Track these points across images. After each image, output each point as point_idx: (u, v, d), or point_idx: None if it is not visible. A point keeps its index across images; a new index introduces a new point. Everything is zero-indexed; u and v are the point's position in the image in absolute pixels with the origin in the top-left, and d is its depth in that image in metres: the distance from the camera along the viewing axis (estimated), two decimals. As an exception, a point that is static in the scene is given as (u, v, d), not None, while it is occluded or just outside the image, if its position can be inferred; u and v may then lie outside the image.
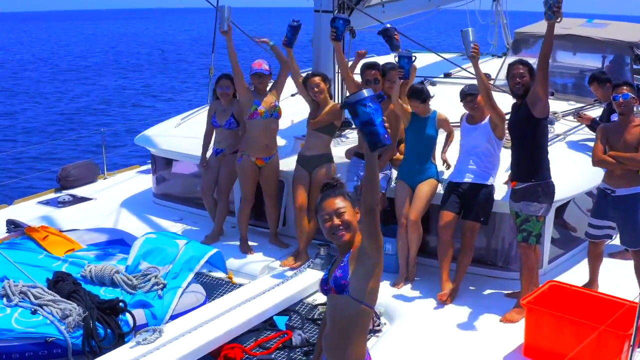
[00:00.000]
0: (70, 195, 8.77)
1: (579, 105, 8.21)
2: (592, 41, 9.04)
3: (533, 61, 9.51)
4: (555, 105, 8.38)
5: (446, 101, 7.06)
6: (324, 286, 3.31)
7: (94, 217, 7.87)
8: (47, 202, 8.56)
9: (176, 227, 7.55)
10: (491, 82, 9.46)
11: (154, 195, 8.47)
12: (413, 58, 6.07)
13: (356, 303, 3.17)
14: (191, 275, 5.75)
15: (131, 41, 70.31)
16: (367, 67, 6.33)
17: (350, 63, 6.69)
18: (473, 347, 5.06)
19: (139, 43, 67.75)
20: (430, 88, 8.83)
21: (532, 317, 4.83)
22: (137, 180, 9.36)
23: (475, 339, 5.19)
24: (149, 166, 9.13)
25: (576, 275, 6.25)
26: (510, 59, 9.55)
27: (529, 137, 5.49)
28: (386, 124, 3.05)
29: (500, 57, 11.52)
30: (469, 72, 8.03)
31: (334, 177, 3.47)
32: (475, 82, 5.82)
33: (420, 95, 6.02)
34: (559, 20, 5.22)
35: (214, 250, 6.11)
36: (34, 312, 5.16)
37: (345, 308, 3.20)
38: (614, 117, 6.31)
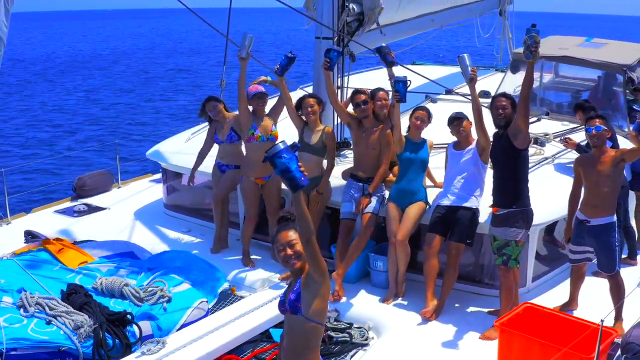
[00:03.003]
0: (85, 204, 9.25)
1: (572, 125, 8.51)
2: (587, 63, 9.33)
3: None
4: (549, 125, 8.74)
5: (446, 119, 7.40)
6: (281, 307, 3.81)
7: (108, 228, 8.33)
8: (63, 212, 9.03)
9: (184, 238, 8.00)
10: (489, 99, 9.82)
11: (165, 206, 8.92)
12: (408, 83, 6.45)
13: (308, 322, 3.67)
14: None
15: (139, 42, 71.03)
16: (356, 92, 6.71)
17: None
18: (451, 361, 5.44)
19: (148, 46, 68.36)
20: (430, 105, 9.26)
21: (504, 338, 5.20)
22: (149, 191, 9.81)
23: (454, 355, 5.56)
24: (161, 175, 9.58)
25: (558, 293, 6.62)
26: (510, 77, 9.91)
27: (511, 166, 5.85)
28: (302, 168, 3.51)
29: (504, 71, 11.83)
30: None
31: (288, 211, 3.89)
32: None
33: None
34: (536, 60, 5.58)
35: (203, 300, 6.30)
36: (49, 323, 5.63)
37: (299, 326, 3.71)
38: None
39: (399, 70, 7.18)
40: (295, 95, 7.39)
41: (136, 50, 62.11)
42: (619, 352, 5.42)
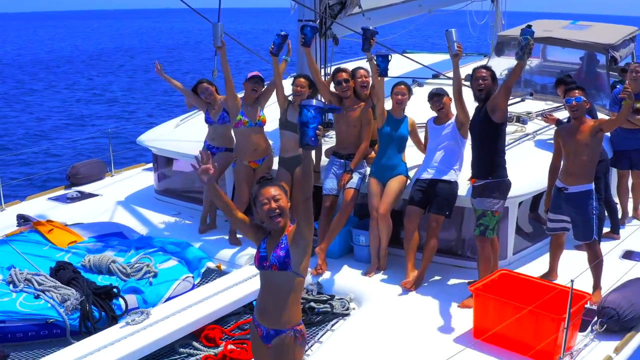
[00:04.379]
0: (78, 191, 9.39)
1: (555, 105, 8.62)
2: (570, 43, 9.44)
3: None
4: (533, 105, 8.86)
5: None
6: (264, 263, 3.88)
7: (99, 212, 8.48)
8: (56, 199, 9.18)
9: (174, 221, 8.14)
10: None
11: (156, 191, 9.06)
12: (389, 57, 6.57)
13: (297, 276, 3.84)
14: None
15: (138, 40, 71.34)
16: (338, 70, 6.83)
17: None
18: (430, 329, 5.55)
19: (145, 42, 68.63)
20: (417, 89, 9.39)
21: (479, 302, 5.32)
22: (141, 178, 9.96)
23: (433, 322, 5.68)
24: (152, 162, 9.73)
25: (539, 265, 6.73)
26: (495, 59, 10.03)
27: (488, 139, 5.97)
28: (319, 132, 3.58)
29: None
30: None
31: (268, 172, 4.05)
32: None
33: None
34: (525, 62, 5.76)
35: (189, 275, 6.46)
36: (37, 297, 5.78)
37: (288, 281, 3.85)
38: None
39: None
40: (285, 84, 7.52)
41: (137, 47, 62.48)
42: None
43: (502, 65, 9.79)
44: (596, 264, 6.08)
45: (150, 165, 10.55)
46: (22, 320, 5.55)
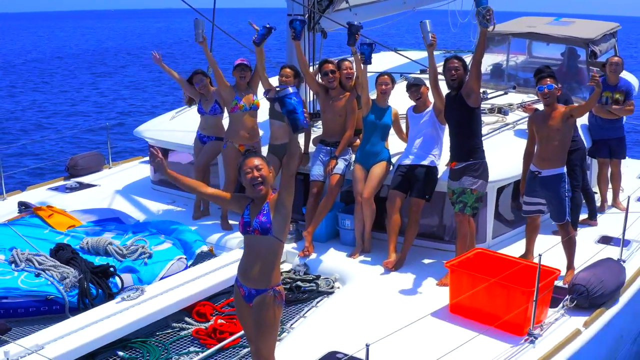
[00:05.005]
0: (77, 182, 9.70)
1: (536, 97, 8.93)
2: (551, 38, 9.77)
3: (501, 58, 10.28)
4: (515, 97, 9.18)
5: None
6: (247, 228, 4.24)
7: (98, 201, 8.78)
8: (56, 189, 9.49)
9: (169, 208, 8.45)
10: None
11: (152, 182, 9.37)
12: (373, 46, 6.90)
13: (277, 241, 4.20)
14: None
15: (136, 38, 71.69)
16: (324, 62, 7.16)
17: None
18: (409, 305, 5.87)
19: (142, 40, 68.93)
20: (405, 83, 9.70)
21: (454, 278, 5.64)
22: (138, 170, 10.27)
23: (412, 299, 6.01)
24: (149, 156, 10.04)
25: (517, 248, 7.05)
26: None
27: (465, 124, 6.30)
28: (306, 113, 3.93)
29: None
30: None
31: (253, 146, 4.42)
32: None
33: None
34: (492, 28, 6.03)
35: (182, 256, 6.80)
36: (37, 275, 6.09)
37: (269, 245, 4.22)
38: None
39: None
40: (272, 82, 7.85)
41: (139, 47, 62.82)
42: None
43: (486, 60, 10.09)
44: (569, 244, 6.40)
45: (147, 158, 10.88)
46: (23, 297, 5.86)
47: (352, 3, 8.66)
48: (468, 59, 12.00)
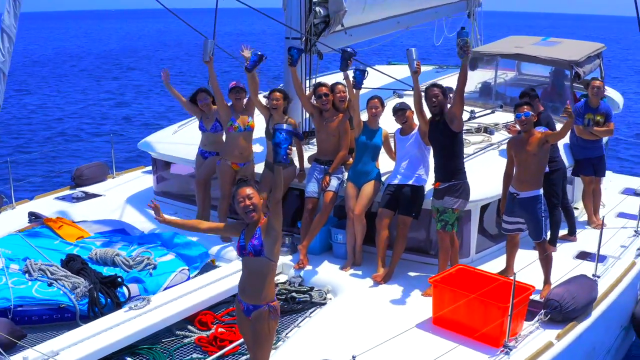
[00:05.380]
0: (83, 192, 10.14)
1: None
2: (538, 60, 10.24)
3: (490, 75, 10.74)
4: (502, 116, 9.63)
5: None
6: (242, 251, 4.73)
7: (103, 211, 9.22)
8: (62, 198, 9.92)
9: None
10: (451, 95, 10.74)
11: (155, 192, 9.81)
12: (365, 73, 7.37)
13: (269, 261, 4.68)
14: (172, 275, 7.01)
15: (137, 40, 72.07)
16: (318, 85, 7.63)
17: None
18: (396, 317, 6.32)
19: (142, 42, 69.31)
20: (397, 100, 10.18)
21: (437, 293, 6.10)
22: (141, 180, 10.71)
23: (399, 311, 6.47)
24: (151, 165, 10.49)
25: (499, 262, 7.52)
26: (470, 73, 10.80)
27: (449, 147, 6.77)
28: (289, 151, 4.44)
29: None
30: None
31: (245, 175, 4.90)
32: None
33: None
34: (468, 59, 6.52)
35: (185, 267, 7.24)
36: (50, 285, 6.53)
37: (263, 265, 4.70)
38: (538, 129, 7.54)
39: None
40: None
41: (142, 49, 63.18)
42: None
43: (475, 79, 10.58)
44: (546, 261, 6.87)
45: (149, 168, 11.33)
46: (37, 305, 6.30)
47: (347, 24, 9.08)
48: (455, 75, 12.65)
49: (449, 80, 12.20)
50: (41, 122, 25.84)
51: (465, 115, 9.31)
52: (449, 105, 6.89)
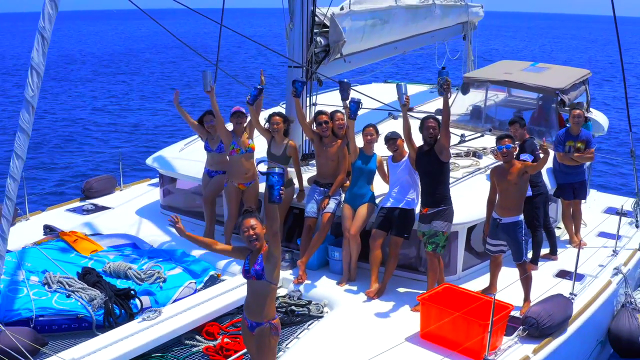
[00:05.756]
0: (93, 204, 10.69)
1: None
2: (525, 87, 10.85)
3: (480, 98, 11.32)
4: (491, 140, 10.20)
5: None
6: (246, 274, 5.30)
7: (113, 224, 9.77)
8: (74, 210, 10.48)
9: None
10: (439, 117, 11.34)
11: (161, 206, 10.37)
12: (360, 104, 7.96)
13: (270, 284, 5.24)
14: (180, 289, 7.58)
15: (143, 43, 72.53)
16: (319, 113, 8.20)
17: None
18: (387, 330, 6.89)
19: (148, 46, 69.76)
20: (392, 121, 10.78)
21: (425, 309, 6.67)
22: (147, 193, 11.25)
23: (390, 324, 7.03)
24: (158, 180, 11.04)
25: (484, 280, 8.09)
26: (460, 97, 11.42)
27: (438, 175, 7.35)
28: (282, 192, 5.03)
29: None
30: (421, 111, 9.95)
31: (250, 206, 5.47)
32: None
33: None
34: (449, 95, 7.12)
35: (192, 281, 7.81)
36: (69, 296, 7.07)
37: (263, 287, 5.26)
38: (523, 157, 8.12)
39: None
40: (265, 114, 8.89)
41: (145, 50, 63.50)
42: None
43: (467, 102, 11.17)
44: (526, 281, 7.45)
45: (155, 180, 11.90)
46: (57, 315, 6.84)
47: (346, 51, 9.66)
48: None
49: (441, 102, 12.83)
50: (47, 126, 26.30)
51: (456, 139, 9.92)
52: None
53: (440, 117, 7.45)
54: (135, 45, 72.18)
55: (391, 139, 7.70)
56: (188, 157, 10.00)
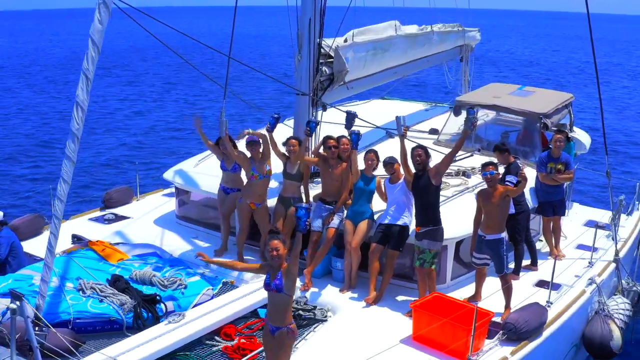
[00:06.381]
0: (113, 214, 11.61)
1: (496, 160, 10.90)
2: (511, 111, 11.80)
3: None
4: (480, 159, 11.14)
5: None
6: (267, 287, 6.23)
7: (133, 233, 10.69)
8: (96, 219, 11.40)
9: (194, 243, 10.36)
10: (435, 136, 12.30)
11: (177, 216, 11.28)
12: (360, 135, 8.92)
13: (287, 296, 6.17)
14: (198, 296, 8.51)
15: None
16: (327, 138, 9.14)
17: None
18: (383, 332, 7.81)
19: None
20: (390, 140, 11.71)
21: (416, 315, 7.62)
22: (164, 203, 12.16)
23: (385, 327, 7.97)
24: (171, 189, 12.00)
25: (469, 289, 9.03)
26: (452, 119, 12.35)
27: (429, 197, 8.29)
28: (307, 222, 5.96)
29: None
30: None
31: (275, 226, 6.43)
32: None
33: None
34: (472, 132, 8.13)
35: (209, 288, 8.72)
36: (101, 301, 7.98)
37: (282, 299, 6.19)
38: (508, 178, 9.09)
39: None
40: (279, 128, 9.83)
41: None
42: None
43: (457, 122, 12.11)
44: (507, 291, 8.39)
45: (168, 191, 12.83)
46: (92, 318, 7.74)
47: (349, 78, 10.60)
48: (440, 117, 14.16)
49: (436, 121, 13.81)
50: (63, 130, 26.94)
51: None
52: (431, 163, 8.42)
53: (431, 141, 8.43)
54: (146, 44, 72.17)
55: (389, 164, 8.64)
56: (203, 172, 10.91)
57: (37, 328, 6.57)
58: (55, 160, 22.22)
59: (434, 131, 12.60)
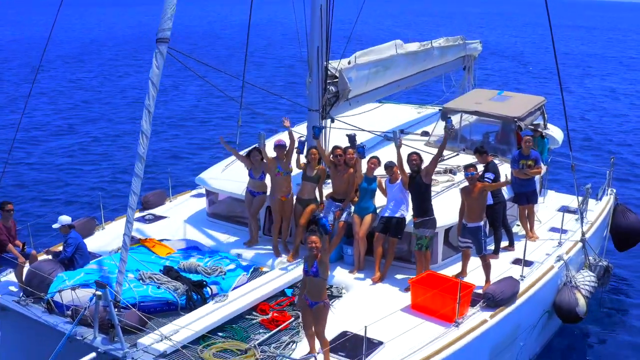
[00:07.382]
0: (152, 214, 13.47)
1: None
2: (490, 115, 13.68)
3: (455, 120, 14.13)
4: (464, 158, 13.04)
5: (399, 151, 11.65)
6: (306, 273, 8.09)
7: (171, 230, 12.55)
8: (137, 219, 13.20)
9: (224, 237, 12.23)
10: (427, 137, 14.15)
11: (208, 214, 13.14)
12: (365, 148, 10.86)
13: (322, 280, 8.01)
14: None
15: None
16: (335, 147, 11.03)
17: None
18: (387, 304, 9.71)
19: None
20: (387, 142, 13.57)
21: (414, 289, 9.56)
22: (194, 204, 14.03)
23: (389, 299, 9.89)
24: (199, 190, 13.89)
25: (457, 267, 10.94)
26: (440, 123, 14.21)
27: (423, 193, 10.21)
28: (331, 224, 7.93)
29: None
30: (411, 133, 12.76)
31: (315, 224, 8.35)
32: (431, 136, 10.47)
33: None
34: (452, 137, 10.04)
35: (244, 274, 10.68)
36: (159, 287, 9.86)
37: (318, 282, 8.04)
38: (487, 175, 11.03)
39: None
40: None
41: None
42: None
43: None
44: (486, 268, 10.32)
45: (196, 191, 14.70)
46: (153, 301, 9.59)
47: (352, 94, 12.42)
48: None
49: (426, 123, 15.66)
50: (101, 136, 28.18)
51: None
52: (424, 165, 10.31)
53: (422, 142, 10.31)
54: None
55: (389, 167, 10.56)
56: (230, 176, 12.71)
57: (116, 310, 8.43)
58: (100, 170, 24.12)
59: (425, 133, 14.48)
